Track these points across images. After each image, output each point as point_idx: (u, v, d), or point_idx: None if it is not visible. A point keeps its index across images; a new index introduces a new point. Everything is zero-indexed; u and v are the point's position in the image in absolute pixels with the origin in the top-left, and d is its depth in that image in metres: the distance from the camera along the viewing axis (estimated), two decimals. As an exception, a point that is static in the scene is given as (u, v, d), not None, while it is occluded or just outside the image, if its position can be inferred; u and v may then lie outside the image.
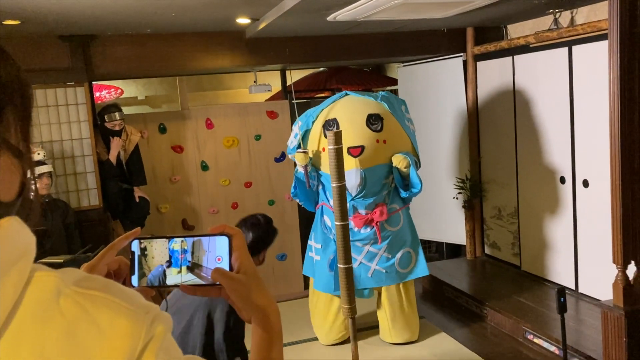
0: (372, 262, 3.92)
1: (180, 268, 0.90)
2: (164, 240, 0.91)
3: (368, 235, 3.86)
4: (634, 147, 2.91)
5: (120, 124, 4.57)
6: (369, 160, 3.69)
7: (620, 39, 2.80)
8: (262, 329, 0.87)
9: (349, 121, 3.68)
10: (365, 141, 3.69)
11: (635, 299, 2.95)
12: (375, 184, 3.79)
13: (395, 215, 3.95)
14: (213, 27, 4.54)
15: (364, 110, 3.80)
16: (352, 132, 3.67)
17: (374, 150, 3.71)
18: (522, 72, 4.83)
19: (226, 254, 0.90)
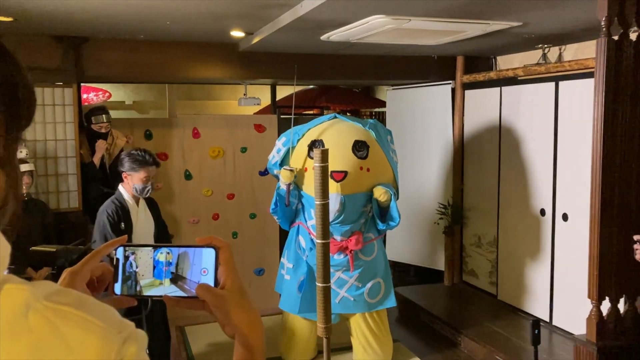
0: (342, 289, 3.87)
1: (164, 279, 0.89)
2: (149, 250, 0.90)
3: (341, 262, 3.82)
4: (614, 184, 2.96)
5: (106, 127, 4.54)
6: (350, 187, 3.66)
7: (606, 78, 2.87)
8: (243, 347, 0.86)
9: (335, 145, 3.65)
10: (349, 167, 3.65)
11: (608, 335, 2.99)
12: (354, 212, 3.75)
13: (370, 244, 3.92)
14: (207, 37, 4.55)
15: (351, 135, 3.76)
16: (337, 156, 3.62)
17: (357, 177, 3.67)
18: (509, 103, 4.91)
19: (212, 267, 0.89)
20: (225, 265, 0.88)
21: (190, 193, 5.50)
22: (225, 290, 0.87)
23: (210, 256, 0.90)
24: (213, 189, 5.56)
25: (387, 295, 3.98)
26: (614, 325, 3.03)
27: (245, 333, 0.86)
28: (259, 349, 0.86)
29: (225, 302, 0.85)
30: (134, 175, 3.29)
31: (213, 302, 0.85)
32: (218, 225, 5.59)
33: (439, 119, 5.59)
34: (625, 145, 2.95)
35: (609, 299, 3.02)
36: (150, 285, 0.89)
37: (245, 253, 5.71)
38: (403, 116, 5.90)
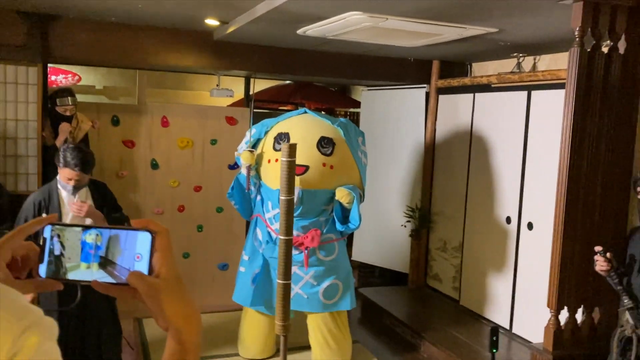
0: (296, 285, 3.82)
1: (91, 263, 0.82)
2: (77, 231, 0.83)
3: (298, 258, 3.76)
4: (579, 195, 2.97)
5: (71, 110, 4.40)
6: (310, 182, 3.63)
7: (577, 88, 2.88)
8: (175, 342, 0.80)
9: (300, 139, 3.61)
10: (311, 162, 3.62)
11: (564, 345, 3.00)
12: (314, 208, 3.71)
13: (331, 245, 3.87)
14: (180, 24, 4.45)
15: (318, 131, 3.74)
16: (300, 150, 3.55)
17: (319, 173, 3.64)
18: (482, 110, 4.92)
19: (147, 253, 0.83)
20: (161, 252, 0.82)
21: (156, 183, 5.38)
22: (160, 279, 0.80)
23: (145, 241, 0.83)
24: (180, 180, 5.45)
25: (343, 297, 3.92)
26: (570, 335, 3.04)
27: (178, 326, 0.79)
28: (192, 344, 0.80)
29: (158, 291, 0.79)
30: (62, 171, 3.11)
31: (145, 291, 0.79)
32: (183, 217, 5.48)
33: (412, 122, 5.58)
34: (591, 157, 2.96)
35: (568, 308, 3.03)
36: (75, 269, 0.82)
37: (209, 247, 5.61)
38: (376, 117, 5.88)
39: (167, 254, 0.82)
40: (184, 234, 5.48)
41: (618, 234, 3.08)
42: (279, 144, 3.63)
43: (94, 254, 0.82)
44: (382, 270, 6.07)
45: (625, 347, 2.85)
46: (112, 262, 0.82)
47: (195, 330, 0.80)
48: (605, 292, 3.06)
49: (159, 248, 0.82)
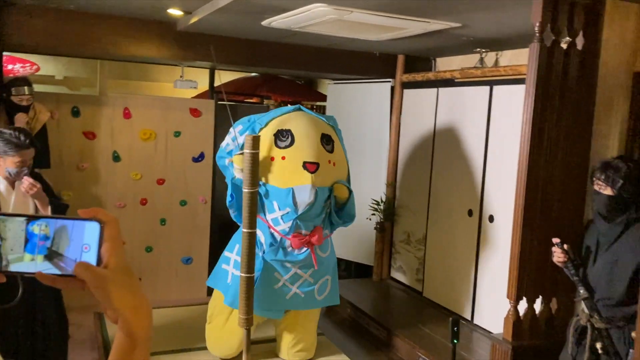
0: (294, 285, 3.68)
1: (36, 255, 0.80)
2: (21, 221, 0.80)
3: (302, 257, 3.60)
4: (538, 189, 3.03)
5: (28, 100, 4.27)
6: (319, 180, 3.49)
7: (537, 83, 2.93)
8: (124, 334, 0.78)
9: (305, 136, 3.49)
10: (320, 159, 3.50)
11: (524, 335, 3.06)
12: (320, 206, 3.58)
13: (326, 241, 3.80)
14: (142, 13, 4.36)
15: (318, 128, 3.63)
16: (309, 148, 3.47)
17: (326, 170, 3.53)
18: (445, 104, 4.97)
19: (95, 243, 0.81)
20: (110, 242, 0.80)
21: (118, 176, 5.28)
22: (108, 270, 0.78)
23: (93, 231, 0.81)
24: (142, 173, 5.36)
25: (333, 293, 3.87)
26: (529, 325, 3.11)
27: (127, 318, 0.77)
28: (142, 337, 0.78)
29: (106, 282, 0.77)
30: (7, 159, 2.97)
31: (92, 282, 0.77)
32: (146, 210, 5.40)
33: (377, 116, 5.61)
34: (550, 150, 3.03)
35: (527, 299, 3.10)
36: (18, 260, 0.79)
37: (173, 241, 5.54)
38: (342, 111, 5.89)
39: (116, 244, 0.80)
40: (147, 228, 5.40)
41: (575, 226, 3.16)
42: (282, 141, 3.45)
43: (40, 245, 0.79)
44: (347, 263, 6.10)
45: (580, 336, 2.93)
46: (58, 254, 0.79)
47: (144, 322, 0.78)
48: (562, 283, 3.14)
49: (107, 238, 0.80)
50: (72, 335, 4.54)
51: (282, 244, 3.53)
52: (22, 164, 2.98)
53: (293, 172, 3.40)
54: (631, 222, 2.80)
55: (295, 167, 3.41)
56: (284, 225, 3.47)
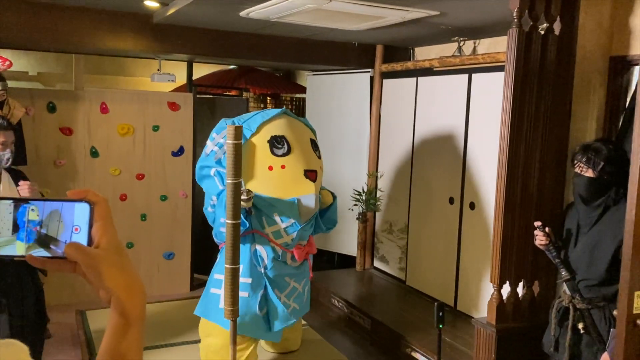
0: (290, 299, 3.52)
1: (25, 238, 0.78)
2: (8, 204, 0.78)
3: (299, 268, 3.50)
4: (518, 174, 3.07)
5: (1, 95, 4.18)
6: (318, 187, 3.41)
7: (515, 69, 2.96)
8: (117, 313, 0.77)
9: (299, 143, 3.36)
10: (315, 166, 3.41)
11: (507, 318, 3.10)
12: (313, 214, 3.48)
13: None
14: (117, 5, 4.30)
15: (306, 134, 3.52)
16: (307, 155, 3.36)
17: (320, 178, 3.45)
18: (424, 93, 5.00)
19: (85, 224, 0.79)
20: (101, 222, 0.79)
21: (96, 171, 5.21)
22: (100, 249, 0.77)
23: (83, 212, 0.79)
24: (121, 168, 5.30)
25: (309, 298, 3.79)
26: (512, 308, 3.15)
27: (121, 297, 0.76)
28: (136, 316, 0.77)
29: (98, 262, 0.76)
30: None
31: (85, 262, 0.75)
32: (125, 206, 5.34)
33: (357, 107, 5.62)
34: (530, 136, 3.06)
35: (509, 283, 3.13)
36: (7, 244, 0.77)
37: (154, 236, 5.49)
38: (322, 102, 5.88)
39: (107, 223, 0.79)
40: (127, 224, 5.34)
41: (555, 209, 3.20)
42: (278, 149, 3.28)
43: (29, 229, 0.78)
44: (330, 254, 6.11)
45: (563, 317, 2.98)
46: (48, 236, 0.78)
47: (138, 301, 0.77)
48: (543, 266, 3.18)
49: (98, 218, 0.79)
50: (54, 334, 4.50)
51: (283, 257, 3.39)
52: (4, 145, 2.93)
53: (295, 182, 3.28)
54: (610, 204, 2.85)
55: (296, 176, 3.29)
56: (287, 238, 3.31)
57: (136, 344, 0.76)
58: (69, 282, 5.12)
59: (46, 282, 5.00)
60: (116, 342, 0.75)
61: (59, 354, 4.17)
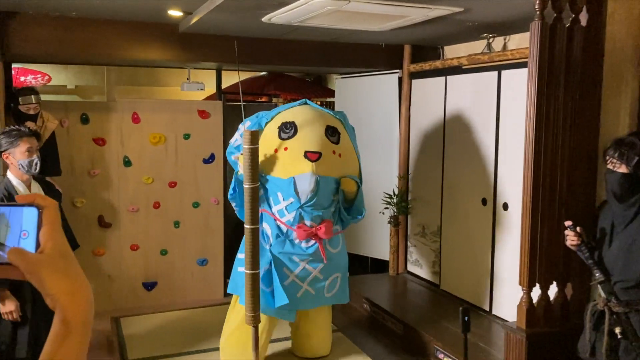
0: (304, 282, 3.62)
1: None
2: (-47, 210, 0.77)
3: (310, 251, 3.58)
4: (546, 172, 2.94)
5: (35, 108, 4.31)
6: (323, 169, 3.51)
7: (539, 62, 2.84)
8: (58, 320, 0.75)
9: (308, 126, 3.53)
10: (322, 149, 3.52)
11: (538, 322, 2.97)
12: (326, 197, 3.59)
13: (337, 237, 3.77)
14: (143, 16, 4.37)
15: (323, 120, 3.67)
16: (311, 138, 3.51)
17: (330, 160, 3.55)
18: (454, 92, 4.89)
19: (33, 229, 0.77)
20: (48, 226, 0.77)
21: (130, 180, 5.30)
22: (43, 255, 0.75)
23: (32, 216, 0.78)
24: (154, 177, 5.38)
25: (343, 291, 3.85)
26: (543, 312, 3.02)
27: (63, 304, 0.74)
28: (78, 323, 0.74)
29: (39, 268, 0.74)
30: (15, 151, 3.00)
31: (25, 268, 0.74)
32: (159, 214, 5.42)
33: (386, 108, 5.54)
34: (557, 132, 2.93)
35: (540, 285, 3.01)
36: None
37: (187, 243, 5.55)
38: (351, 105, 5.83)
39: (54, 228, 0.77)
40: (161, 231, 5.42)
41: (587, 208, 3.06)
42: (285, 133, 3.51)
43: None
44: (362, 258, 6.03)
45: (598, 321, 2.83)
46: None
47: (81, 308, 0.75)
48: (576, 267, 3.04)
49: (45, 222, 0.77)
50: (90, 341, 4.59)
51: (288, 235, 3.52)
52: (30, 152, 3.01)
53: (294, 162, 3.42)
54: (646, 201, 2.70)
55: (297, 156, 3.43)
56: (289, 216, 3.47)
57: (74, 354, 0.73)
58: (104, 290, 5.22)
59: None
60: (53, 350, 0.72)
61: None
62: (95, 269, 5.18)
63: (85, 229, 5.09)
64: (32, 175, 3.11)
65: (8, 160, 3.02)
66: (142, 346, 4.32)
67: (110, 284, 5.26)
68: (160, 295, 5.44)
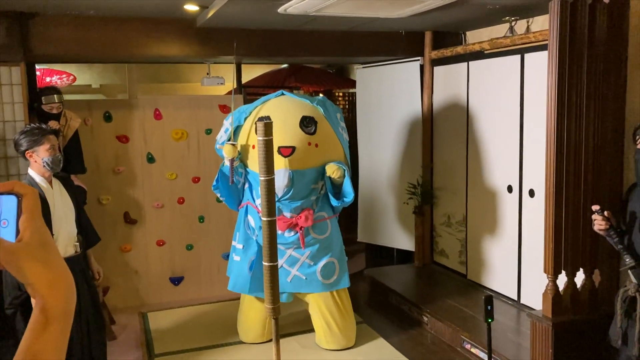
0: (293, 268, 3.84)
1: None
2: None
3: (292, 239, 3.78)
4: (569, 156, 2.85)
5: (58, 107, 4.36)
6: (299, 162, 3.60)
7: (559, 43, 2.75)
8: (38, 310, 0.73)
9: (281, 120, 3.56)
10: (296, 142, 3.59)
11: (564, 310, 2.89)
12: (304, 188, 3.70)
13: (323, 223, 3.88)
14: (160, 13, 4.38)
15: (298, 111, 3.71)
16: (284, 132, 3.57)
17: (305, 153, 3.62)
18: (476, 78, 4.79)
19: (13, 218, 0.76)
20: (26, 215, 0.75)
21: (154, 177, 5.35)
22: (21, 243, 0.74)
23: (11, 205, 0.76)
24: (177, 173, 5.41)
25: (342, 276, 3.93)
26: (570, 300, 2.93)
27: (42, 292, 0.73)
28: (57, 313, 0.73)
29: (16, 257, 0.72)
30: (38, 149, 3.02)
31: (2, 257, 0.72)
32: (183, 209, 5.45)
33: (408, 97, 5.46)
34: (580, 113, 2.83)
35: (566, 272, 2.92)
36: None
37: (212, 237, 5.58)
38: (372, 94, 5.77)
39: (34, 215, 0.76)
40: (186, 226, 5.45)
41: (614, 191, 2.95)
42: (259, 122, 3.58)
43: None
44: (387, 250, 5.98)
45: (629, 308, 2.74)
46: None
47: (60, 298, 0.73)
48: (604, 253, 2.94)
49: (25, 210, 0.75)
50: (120, 335, 4.66)
51: None
52: (54, 149, 3.05)
53: None
54: (676, 183, 2.59)
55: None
56: None
57: (53, 344, 0.72)
58: (132, 285, 5.28)
59: (112, 286, 5.21)
60: (31, 340, 0.71)
61: (123, 354, 4.30)
62: (123, 265, 5.24)
63: (111, 225, 5.15)
64: (52, 173, 3.14)
65: (32, 159, 3.06)
66: (169, 340, 4.36)
67: (137, 279, 5.32)
68: (187, 290, 5.48)
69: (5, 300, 3.00)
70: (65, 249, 3.12)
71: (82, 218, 3.32)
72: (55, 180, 3.20)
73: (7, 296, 2.99)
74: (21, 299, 2.96)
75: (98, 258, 3.61)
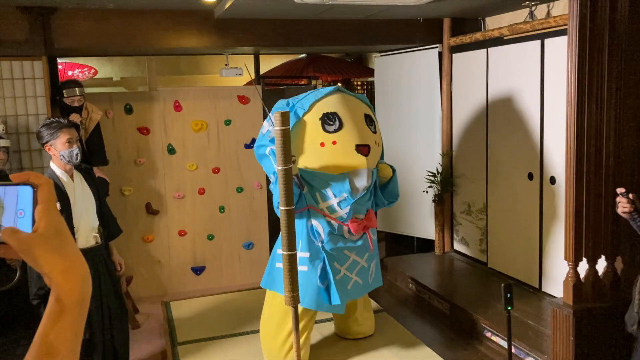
0: (352, 273, 3.55)
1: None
2: (-50, 190, 0.79)
3: (360, 243, 3.51)
4: (590, 141, 2.81)
5: (79, 100, 4.43)
6: (371, 162, 3.40)
7: (580, 28, 2.70)
8: (53, 299, 0.75)
9: (351, 118, 3.37)
10: (369, 141, 3.39)
11: (585, 298, 2.86)
12: (371, 188, 3.52)
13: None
14: (179, 5, 4.41)
15: (360, 109, 3.51)
16: (359, 130, 3.36)
17: (375, 152, 3.44)
18: (496, 64, 4.73)
19: (29, 208, 0.78)
20: (42, 205, 0.77)
21: (174, 168, 5.41)
22: (37, 233, 0.76)
23: (27, 195, 0.78)
24: (197, 163, 5.46)
25: (379, 274, 3.79)
26: (591, 287, 2.90)
27: (57, 281, 0.75)
28: (72, 302, 0.74)
29: (32, 246, 0.74)
30: (55, 142, 3.06)
31: (18, 247, 0.74)
32: (204, 199, 5.51)
33: (427, 85, 5.42)
34: (600, 97, 2.79)
35: (587, 260, 2.89)
36: None
37: (233, 227, 5.63)
38: (391, 83, 5.74)
39: (49, 206, 0.77)
40: (207, 216, 5.51)
41: (635, 177, 2.90)
42: (330, 125, 3.33)
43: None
44: (407, 238, 5.97)
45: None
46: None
47: (76, 287, 0.75)
48: (626, 240, 2.90)
49: (40, 201, 0.77)
50: (143, 324, 4.75)
51: (339, 231, 3.46)
52: (71, 142, 3.09)
53: (346, 157, 3.31)
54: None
55: (347, 151, 3.31)
56: (341, 212, 3.38)
57: (68, 333, 0.73)
58: (155, 275, 5.37)
59: (136, 275, 5.30)
60: (47, 329, 0.73)
61: (146, 343, 4.38)
62: (145, 255, 5.33)
63: (133, 216, 5.23)
64: (73, 165, 3.20)
65: (50, 152, 3.11)
66: (192, 329, 4.42)
67: (160, 269, 5.40)
68: (209, 279, 5.55)
69: (30, 291, 3.07)
70: (86, 240, 3.17)
71: (103, 210, 3.38)
72: (77, 173, 3.25)
73: (32, 287, 3.06)
74: (45, 290, 3.02)
75: (121, 248, 3.67)
